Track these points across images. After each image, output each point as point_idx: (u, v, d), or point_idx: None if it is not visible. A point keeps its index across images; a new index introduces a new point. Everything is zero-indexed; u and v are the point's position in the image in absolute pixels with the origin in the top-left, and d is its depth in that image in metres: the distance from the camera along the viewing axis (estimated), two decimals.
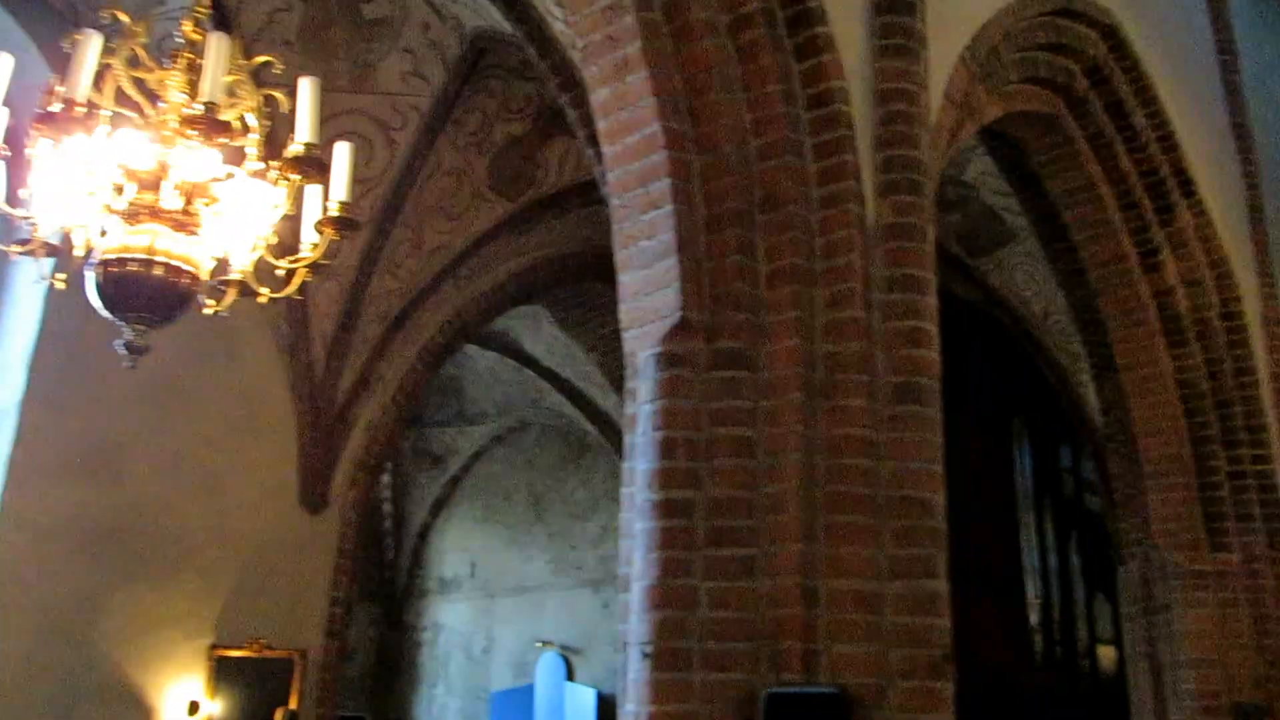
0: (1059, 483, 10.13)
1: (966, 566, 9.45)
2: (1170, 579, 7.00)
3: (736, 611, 3.11)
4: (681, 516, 3.22)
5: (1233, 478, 7.01)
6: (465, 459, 14.56)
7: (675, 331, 3.39)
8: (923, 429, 3.30)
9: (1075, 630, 9.81)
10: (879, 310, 3.43)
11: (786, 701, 2.85)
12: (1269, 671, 6.69)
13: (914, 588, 3.14)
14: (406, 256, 7.10)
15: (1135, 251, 6.65)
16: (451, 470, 14.66)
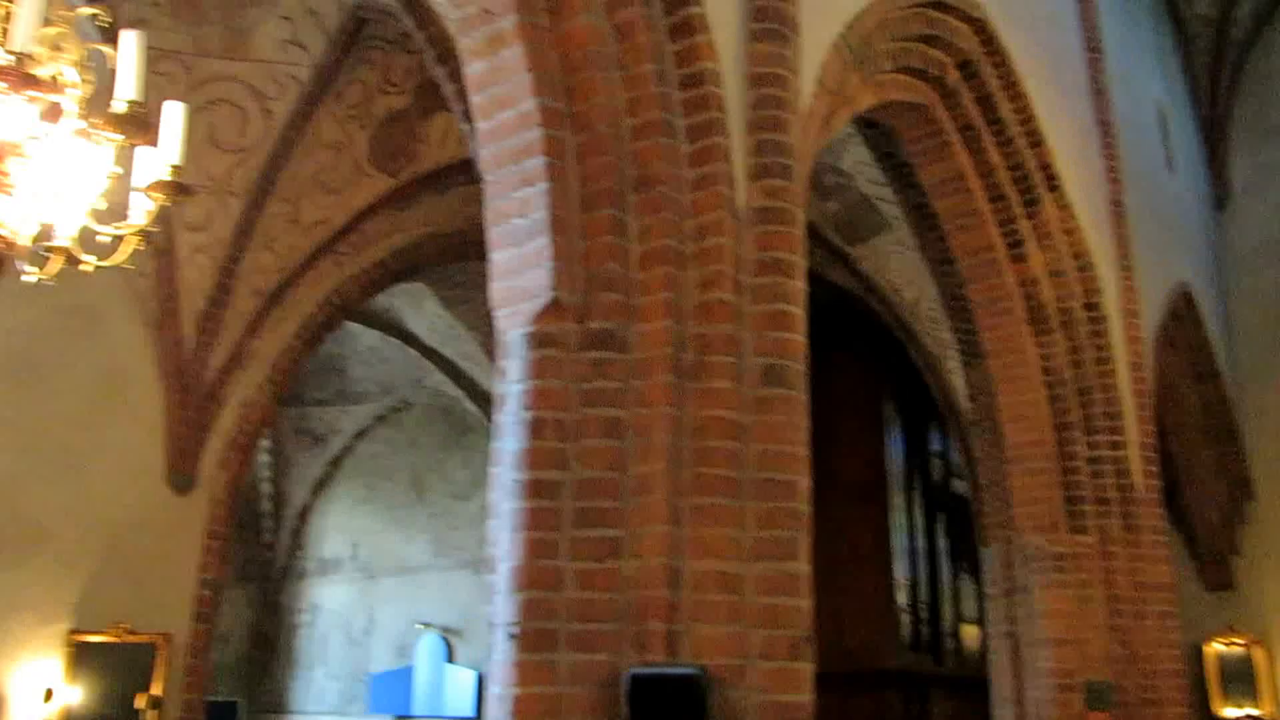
0: (928, 466, 10.45)
1: (838, 548, 9.71)
2: (1030, 561, 7.29)
3: (602, 592, 3.11)
4: (549, 497, 3.20)
5: (1091, 463, 7.33)
6: (347, 438, 14.30)
7: (546, 311, 3.36)
8: (788, 412, 3.35)
9: (941, 611, 10.15)
10: (748, 293, 3.46)
11: (648, 682, 2.87)
12: (1120, 650, 7.03)
13: (776, 569, 3.18)
14: (283, 231, 6.90)
15: (1002, 242, 6.87)
16: (333, 450, 14.38)
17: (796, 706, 3.08)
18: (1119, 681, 6.96)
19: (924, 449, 10.55)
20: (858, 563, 9.57)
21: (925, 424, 10.50)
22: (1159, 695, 6.96)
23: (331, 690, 13.50)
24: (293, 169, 6.69)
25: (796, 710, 3.08)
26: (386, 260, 8.03)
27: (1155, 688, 6.97)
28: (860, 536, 9.63)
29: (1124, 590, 7.13)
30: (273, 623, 13.99)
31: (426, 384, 13.27)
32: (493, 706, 3.06)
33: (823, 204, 8.40)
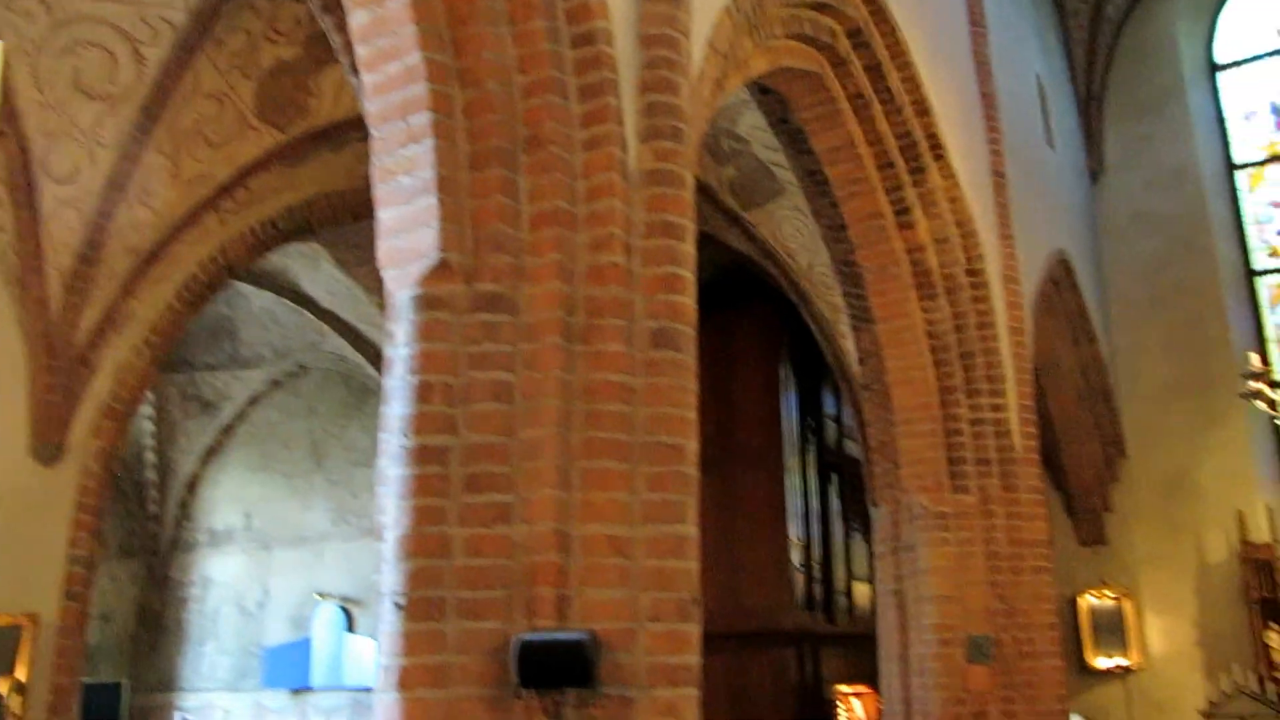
0: (822, 428, 10.66)
1: (735, 510, 9.86)
2: (916, 520, 7.52)
3: (491, 559, 3.08)
4: (436, 463, 3.15)
5: (973, 425, 7.57)
6: (240, 405, 13.87)
7: (434, 272, 3.29)
8: (678, 375, 3.35)
9: (834, 570, 10.40)
10: (638, 256, 3.44)
11: (537, 649, 2.85)
12: (999, 605, 7.31)
13: (665, 532, 3.20)
14: (161, 185, 6.59)
15: (890, 209, 7.01)
16: (224, 417, 13.94)
17: (684, 668, 3.11)
18: (998, 635, 7.24)
19: (818, 411, 10.75)
20: (754, 524, 9.74)
21: (820, 387, 10.70)
22: (1035, 648, 7.27)
23: (223, 665, 13.18)
24: (170, 119, 6.39)
25: (684, 672, 3.11)
26: (276, 219, 7.76)
27: (1031, 640, 7.27)
28: (756, 498, 9.80)
29: (1003, 547, 7.41)
30: (160, 598, 13.57)
31: (325, 348, 12.95)
32: (379, 678, 3.01)
33: (719, 169, 8.44)
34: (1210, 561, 12.12)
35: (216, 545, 13.64)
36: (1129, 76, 13.11)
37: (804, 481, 10.13)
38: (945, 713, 7.06)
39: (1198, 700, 10.96)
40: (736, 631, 9.57)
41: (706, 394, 10.38)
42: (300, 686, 12.17)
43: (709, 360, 10.27)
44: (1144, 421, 12.71)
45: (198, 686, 13.24)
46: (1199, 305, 12.43)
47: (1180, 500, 12.36)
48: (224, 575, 13.52)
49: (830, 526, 10.52)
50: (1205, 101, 13.03)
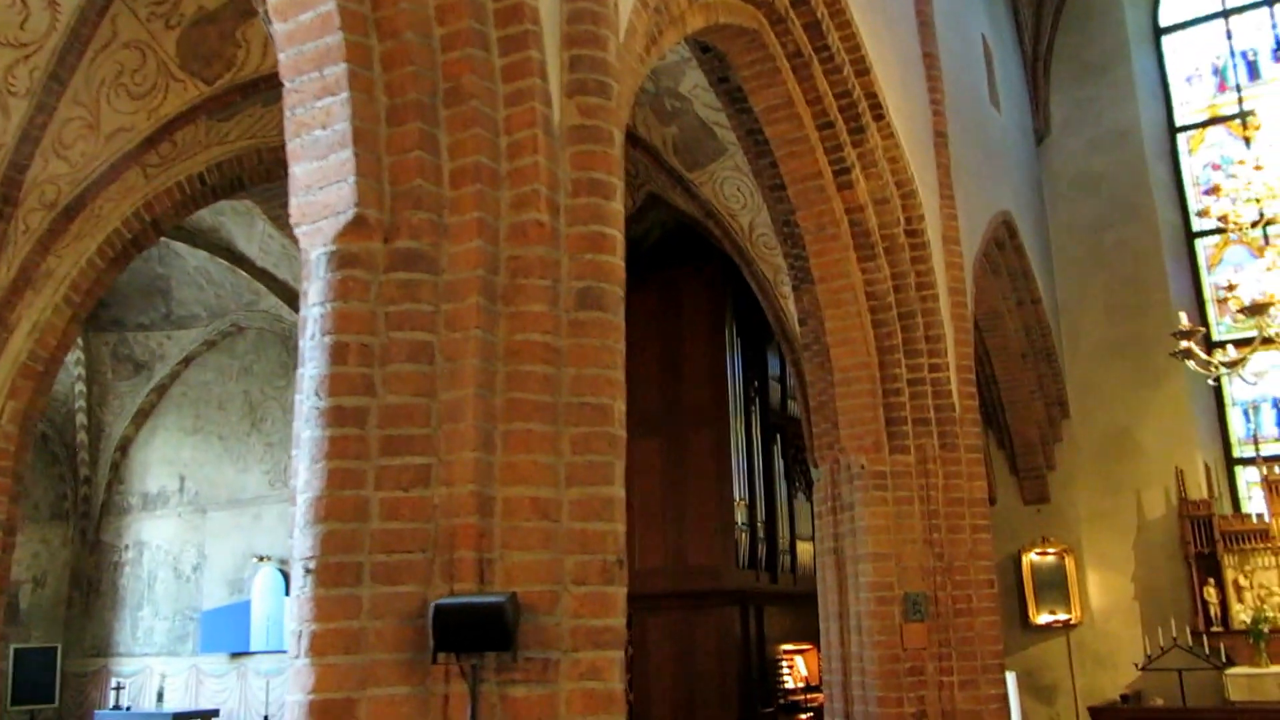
0: (767, 388, 10.68)
1: (681, 470, 9.86)
2: (854, 479, 7.55)
3: (409, 522, 3.01)
4: (352, 425, 3.06)
5: (912, 384, 7.60)
6: (173, 365, 13.65)
7: (350, 229, 3.19)
8: (604, 335, 3.28)
9: (778, 529, 10.47)
10: (564, 214, 3.36)
11: (453, 613, 2.80)
12: (935, 564, 7.39)
13: (590, 494, 3.15)
14: (78, 137, 6.35)
15: (830, 169, 6.96)
16: (158, 377, 13.70)
17: (608, 630, 3.08)
18: (935, 593, 7.33)
19: (764, 372, 10.77)
20: (699, 484, 9.76)
21: (765, 348, 10.71)
22: (972, 605, 7.36)
23: (160, 630, 13.04)
24: (87, 69, 6.15)
25: (608, 634, 3.08)
26: (204, 175, 7.53)
27: (968, 598, 7.36)
28: (702, 458, 9.81)
29: (941, 506, 7.48)
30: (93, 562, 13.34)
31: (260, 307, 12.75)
32: (291, 645, 2.94)
33: (663, 128, 8.35)
34: (1150, 518, 12.39)
35: (150, 508, 13.44)
36: (1075, 39, 13.17)
37: (748, 442, 10.16)
38: (882, 670, 7.14)
39: (1137, 653, 11.25)
40: (682, 591, 9.62)
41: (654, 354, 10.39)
42: (239, 650, 12.07)
43: (656, 320, 10.29)
44: (1086, 381, 12.91)
45: (134, 651, 13.09)
46: (1139, 266, 12.60)
47: (1121, 459, 12.60)
48: (158, 538, 13.34)
49: (774, 486, 10.57)
50: (1149, 64, 13.13)
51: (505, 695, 2.95)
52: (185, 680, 12.56)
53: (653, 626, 9.83)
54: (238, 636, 12.09)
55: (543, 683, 2.97)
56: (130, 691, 12.53)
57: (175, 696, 12.47)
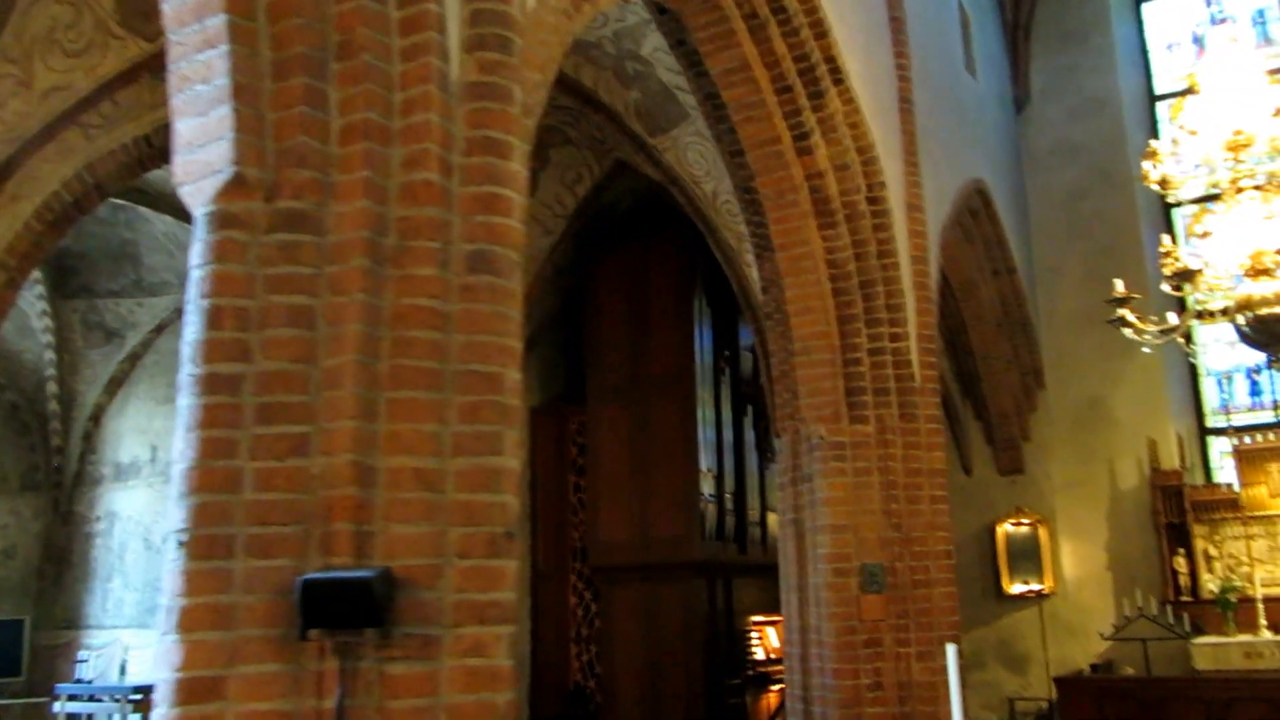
0: (738, 359, 10.56)
1: (647, 440, 9.76)
2: (814, 450, 7.45)
3: (285, 493, 2.90)
4: (227, 392, 2.94)
5: (872, 354, 7.48)
6: (145, 333, 13.49)
7: (229, 188, 3.05)
8: (497, 301, 3.16)
9: (747, 501, 10.38)
10: (457, 174, 3.22)
11: (321, 588, 2.69)
12: (893, 535, 7.29)
13: (477, 465, 3.03)
14: (10, 96, 6.19)
15: (789, 134, 6.81)
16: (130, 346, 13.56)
17: (495, 605, 2.97)
18: (893, 564, 7.24)
19: (734, 342, 10.64)
20: (665, 455, 9.66)
21: (737, 317, 10.58)
22: (929, 576, 7.28)
23: (130, 602, 12.95)
24: (19, 25, 5.98)
25: (495, 609, 2.97)
26: (150, 136, 7.35)
27: (926, 569, 7.28)
28: (668, 428, 9.70)
29: (900, 477, 7.38)
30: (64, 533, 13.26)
31: None
32: (161, 621, 2.83)
33: (625, 92, 8.17)
34: (1122, 489, 12.32)
35: (122, 479, 13.33)
36: (1055, 6, 12.94)
37: (717, 412, 10.05)
38: (839, 641, 7.07)
39: (1108, 623, 11.19)
40: (647, 563, 9.55)
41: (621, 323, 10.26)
42: None
43: (625, 290, 10.16)
44: (1061, 351, 12.80)
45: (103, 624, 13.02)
46: (1116, 236, 12.45)
47: (1095, 429, 12.51)
48: (130, 509, 13.23)
49: (744, 458, 10.47)
50: (1129, 31, 12.92)
51: (383, 673, 2.84)
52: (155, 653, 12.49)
53: (619, 599, 9.76)
54: None
55: (423, 660, 2.87)
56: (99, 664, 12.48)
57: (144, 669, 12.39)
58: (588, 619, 10.24)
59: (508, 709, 2.94)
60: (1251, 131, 4.72)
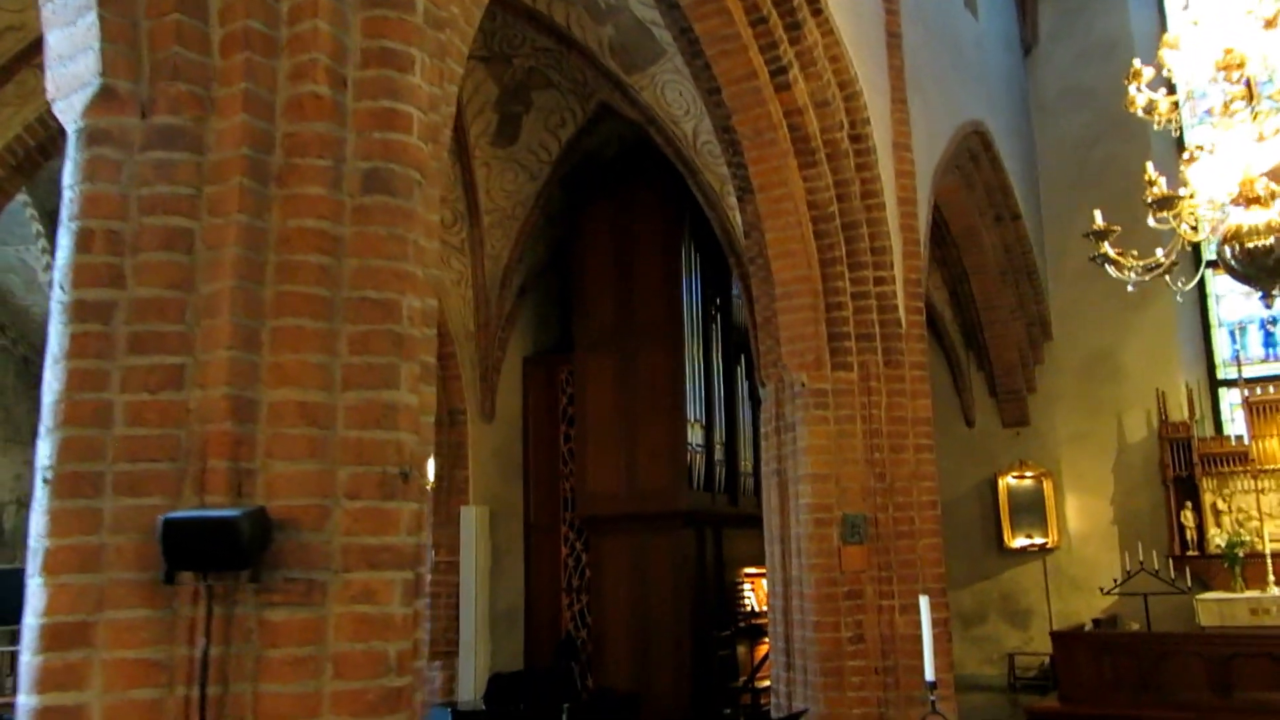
0: (729, 307, 10.30)
1: (635, 389, 9.55)
2: (796, 398, 7.22)
3: (158, 428, 2.71)
4: (97, 320, 2.75)
5: (855, 298, 7.22)
6: None
7: (99, 102, 2.84)
8: (393, 222, 2.93)
9: (739, 451, 10.17)
10: (351, 88, 2.99)
11: (184, 528, 2.50)
12: (876, 485, 7.07)
13: (369, 399, 2.83)
14: None
15: (766, 69, 6.51)
16: None
17: (386, 550, 2.78)
18: (875, 515, 7.03)
19: (726, 289, 10.37)
20: (653, 404, 9.46)
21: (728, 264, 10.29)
22: (913, 528, 7.06)
23: None
24: None
25: (386, 554, 2.78)
26: None
27: (910, 520, 7.06)
28: (655, 378, 9.49)
29: (884, 425, 7.14)
30: None
31: None
32: (28, 562, 2.66)
33: (598, 28, 7.86)
34: (1130, 441, 12.03)
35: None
36: None
37: (706, 361, 9.82)
38: (819, 593, 6.88)
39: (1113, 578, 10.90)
40: (635, 513, 9.38)
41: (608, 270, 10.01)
42: None
43: (612, 236, 9.90)
44: (1070, 302, 12.46)
45: None
46: (1127, 183, 11.92)
47: (1103, 381, 12.20)
48: None
49: (736, 408, 10.25)
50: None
51: (262, 619, 2.66)
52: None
53: (608, 550, 9.61)
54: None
55: (306, 606, 2.69)
56: None
57: None
58: (579, 570, 10.11)
59: (400, 660, 2.76)
60: (1243, 51, 4.40)
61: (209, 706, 2.55)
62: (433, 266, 3.19)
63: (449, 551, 9.50)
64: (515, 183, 9.63)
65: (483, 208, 9.55)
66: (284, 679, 2.65)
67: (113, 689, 2.60)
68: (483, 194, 9.51)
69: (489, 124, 9.25)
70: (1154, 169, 4.50)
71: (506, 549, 10.13)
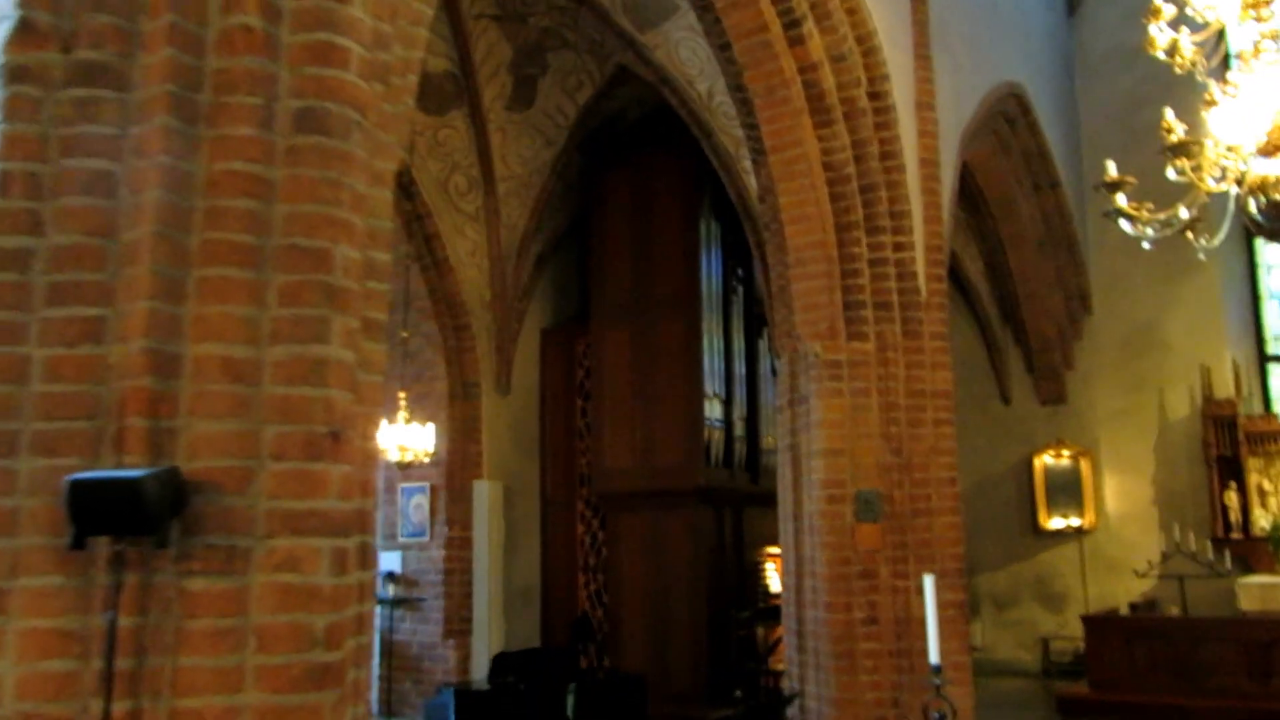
0: (752, 278, 10.02)
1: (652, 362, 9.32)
2: (810, 370, 6.96)
3: (75, 384, 2.54)
4: (13, 269, 2.58)
5: (873, 265, 6.92)
6: None
7: (18, 36, 2.66)
8: (327, 166, 2.73)
9: (760, 428, 9.91)
10: (287, 19, 2.78)
11: (90, 489, 2.33)
12: (892, 460, 6.78)
13: (298, 354, 2.63)
14: None
15: (778, 21, 6.21)
16: None
17: (314, 515, 2.59)
18: (891, 491, 6.75)
19: (748, 260, 10.08)
20: (669, 378, 9.23)
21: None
22: (930, 505, 6.77)
23: None
24: None
25: (315, 519, 2.59)
26: None
27: (927, 497, 6.78)
28: (672, 350, 9.26)
29: (901, 398, 6.85)
30: None
31: None
32: None
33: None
34: (1172, 419, 11.61)
35: None
36: None
37: (726, 334, 9.56)
38: (831, 573, 6.64)
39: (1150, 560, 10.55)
40: (651, 490, 9.18)
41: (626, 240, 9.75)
42: None
43: (630, 204, 9.65)
44: (1112, 274, 12.02)
45: None
46: None
47: (1145, 356, 11.77)
48: None
49: (757, 383, 10.00)
50: None
51: (182, 589, 2.49)
52: None
53: (625, 527, 9.43)
54: None
55: (227, 574, 2.51)
56: None
57: None
58: (595, 547, 9.93)
59: (330, 634, 2.58)
60: None
61: (118, 680, 2.38)
62: (383, 218, 2.99)
63: (463, 527, 9.36)
64: (532, 148, 9.40)
65: (498, 175, 9.33)
66: (204, 652, 2.48)
67: (25, 659, 2.45)
68: (498, 160, 9.29)
69: (504, 87, 9.02)
70: (1172, 115, 4.13)
71: (523, 526, 9.97)
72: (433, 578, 9.28)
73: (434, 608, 9.21)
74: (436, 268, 9.44)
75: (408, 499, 9.57)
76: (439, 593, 9.19)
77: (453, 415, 9.48)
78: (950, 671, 6.70)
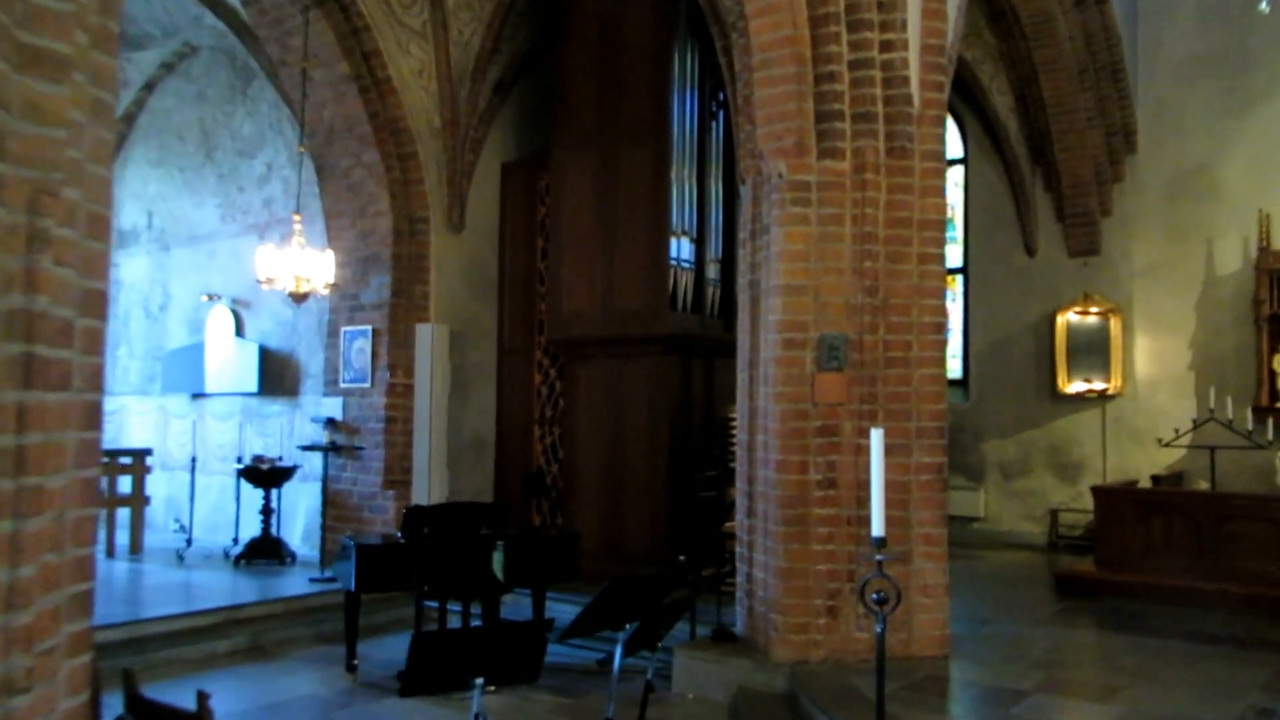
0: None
1: (616, 196, 8.23)
2: (773, 194, 5.87)
3: None
4: None
5: (854, 68, 5.73)
6: (137, 92, 12.51)
7: None
8: None
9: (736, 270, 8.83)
10: None
11: None
12: (865, 300, 5.73)
13: None
14: None
15: None
16: (124, 105, 12.55)
17: None
18: (861, 336, 5.72)
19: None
20: (633, 212, 8.16)
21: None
22: (909, 354, 5.74)
23: (134, 370, 12.54)
24: None
25: None
26: None
27: (906, 345, 5.74)
28: (637, 181, 8.15)
29: (880, 228, 5.75)
30: None
31: (207, 23, 11.31)
32: None
33: None
34: (1219, 274, 10.32)
35: (124, 245, 12.67)
36: None
37: (700, 164, 8.40)
38: (785, 428, 5.70)
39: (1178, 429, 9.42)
40: (610, 336, 8.22)
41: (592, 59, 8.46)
42: (197, 392, 11.43)
43: (598, 20, 8.38)
44: (1161, 106, 10.56)
45: (113, 390, 12.59)
46: None
47: (1193, 200, 10.41)
48: (131, 277, 12.63)
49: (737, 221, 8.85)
50: None
51: None
52: (154, 420, 12.10)
53: (583, 377, 8.53)
54: (194, 378, 11.42)
55: None
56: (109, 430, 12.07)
57: (144, 434, 12.04)
58: (553, 399, 9.06)
59: None
60: None
61: None
62: None
63: (406, 374, 8.51)
64: None
65: None
66: None
67: None
68: None
69: None
70: None
71: (477, 374, 9.10)
72: (373, 425, 8.50)
73: (374, 456, 8.46)
74: (377, 89, 8.33)
75: (350, 342, 8.73)
76: (379, 441, 8.42)
77: (398, 253, 8.52)
78: (922, 545, 5.82)
